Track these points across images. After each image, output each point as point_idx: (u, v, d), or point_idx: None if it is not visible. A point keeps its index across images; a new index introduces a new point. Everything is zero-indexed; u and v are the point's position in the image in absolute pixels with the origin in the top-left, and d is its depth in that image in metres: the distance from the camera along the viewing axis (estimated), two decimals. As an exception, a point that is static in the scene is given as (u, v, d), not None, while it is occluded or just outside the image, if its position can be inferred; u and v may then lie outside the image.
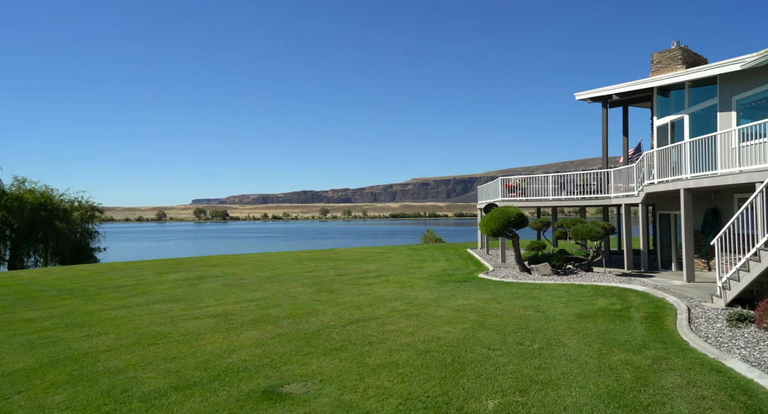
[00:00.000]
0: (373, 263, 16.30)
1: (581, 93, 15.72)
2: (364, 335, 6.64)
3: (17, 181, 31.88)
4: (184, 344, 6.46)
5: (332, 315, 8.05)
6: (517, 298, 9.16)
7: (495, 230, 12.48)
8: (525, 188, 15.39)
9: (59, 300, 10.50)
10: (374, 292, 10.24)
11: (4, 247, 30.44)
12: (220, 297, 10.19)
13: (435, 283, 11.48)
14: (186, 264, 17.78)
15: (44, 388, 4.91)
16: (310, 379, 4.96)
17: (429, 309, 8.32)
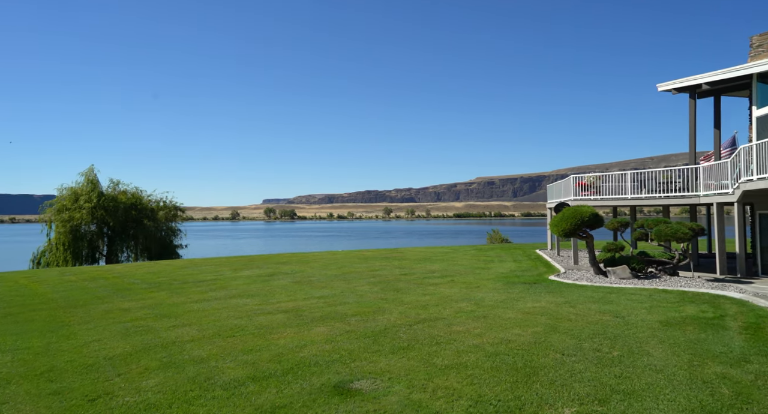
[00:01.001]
0: (438, 263, 16.18)
1: (665, 84, 14.57)
2: (431, 335, 6.60)
3: (112, 183, 35.09)
4: (259, 337, 6.79)
5: (398, 314, 8.09)
6: (592, 302, 8.68)
7: (567, 231, 11.91)
8: (599, 186, 14.54)
9: (149, 292, 11.44)
10: (440, 292, 10.16)
11: (102, 243, 33.66)
12: (290, 293, 10.60)
13: (503, 284, 11.17)
14: (258, 261, 18.69)
15: (139, 373, 5.38)
16: (379, 377, 5.01)
17: (497, 311, 8.11)
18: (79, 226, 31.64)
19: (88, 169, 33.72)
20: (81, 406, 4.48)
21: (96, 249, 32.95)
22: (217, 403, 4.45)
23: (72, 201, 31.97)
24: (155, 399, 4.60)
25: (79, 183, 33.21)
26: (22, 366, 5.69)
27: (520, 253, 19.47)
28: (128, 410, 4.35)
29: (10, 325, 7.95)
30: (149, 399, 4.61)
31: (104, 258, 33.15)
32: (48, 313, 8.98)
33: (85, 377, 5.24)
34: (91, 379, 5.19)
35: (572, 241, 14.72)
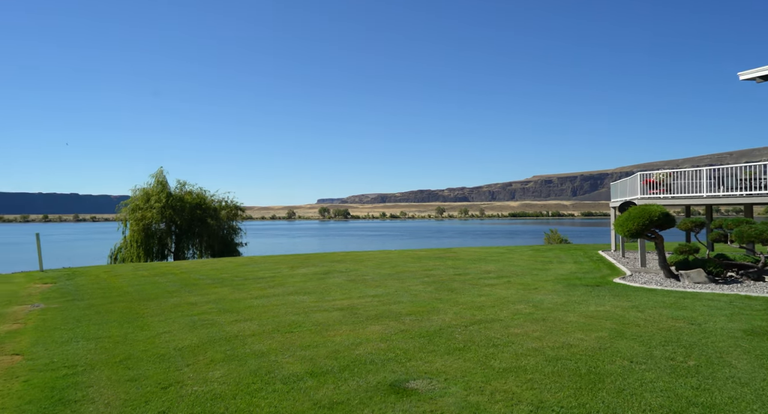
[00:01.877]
0: (493, 263, 15.82)
1: (748, 72, 13.37)
2: (487, 337, 6.45)
3: (179, 183, 37.23)
4: (316, 334, 6.94)
5: (453, 314, 7.98)
6: (663, 307, 8.13)
7: (633, 231, 11.23)
8: (670, 184, 13.59)
9: (213, 288, 12.03)
10: (496, 294, 9.92)
11: (171, 240, 35.82)
12: (345, 291, 10.77)
13: (563, 286, 10.73)
14: (314, 259, 19.15)
15: (206, 364, 5.66)
16: (435, 377, 4.96)
17: (557, 313, 7.80)
18: (150, 225, 33.84)
19: (158, 171, 35.98)
20: (155, 393, 4.78)
21: (165, 246, 35.11)
22: (278, 397, 4.59)
23: (144, 201, 34.25)
24: (221, 389, 4.82)
25: (150, 184, 35.52)
26: (104, 353, 6.16)
27: (580, 254, 18.63)
28: (197, 399, 4.59)
29: (93, 316, 8.64)
30: (215, 389, 4.84)
31: (172, 255, 35.25)
32: (125, 306, 9.67)
33: (157, 366, 5.59)
34: (163, 368, 5.53)
35: (639, 243, 13.86)
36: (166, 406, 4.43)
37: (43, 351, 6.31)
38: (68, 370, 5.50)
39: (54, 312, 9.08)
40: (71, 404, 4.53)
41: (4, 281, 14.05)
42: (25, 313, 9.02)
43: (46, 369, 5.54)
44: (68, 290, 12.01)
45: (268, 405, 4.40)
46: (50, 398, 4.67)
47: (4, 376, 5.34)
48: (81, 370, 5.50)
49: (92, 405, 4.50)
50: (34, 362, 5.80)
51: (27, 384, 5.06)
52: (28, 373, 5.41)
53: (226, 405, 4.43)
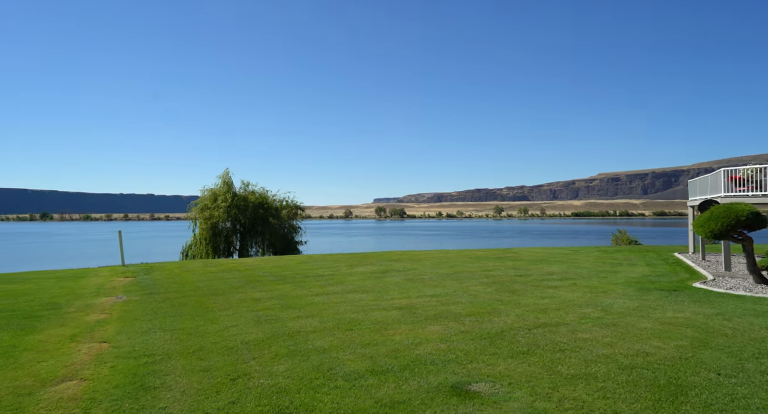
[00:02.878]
0: (557, 264, 15.18)
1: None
2: (552, 341, 6.18)
3: (243, 184, 38.98)
4: (375, 332, 6.97)
5: (515, 316, 7.73)
6: (754, 316, 7.39)
7: (717, 232, 10.32)
8: (760, 180, 12.35)
9: (275, 284, 12.46)
10: (560, 296, 9.49)
11: (236, 238, 37.62)
12: (403, 291, 10.76)
13: (634, 290, 10.07)
14: (371, 258, 19.32)
15: (271, 358, 5.85)
16: (498, 381, 4.81)
17: (629, 319, 7.32)
18: (217, 223, 35.70)
19: (224, 172, 37.87)
20: (224, 383, 5.01)
21: (230, 244, 36.91)
22: (340, 393, 4.65)
23: (212, 201, 36.19)
24: (285, 383, 4.96)
25: (217, 184, 37.47)
26: (178, 344, 6.55)
27: (653, 256, 17.42)
28: (263, 392, 4.75)
29: (168, 308, 9.24)
30: (280, 383, 4.99)
31: (237, 252, 36.98)
32: (196, 300, 10.25)
33: (226, 358, 5.86)
34: (231, 360, 5.79)
35: (723, 245, 12.73)
36: (236, 397, 4.63)
37: (126, 340, 6.82)
38: (148, 358, 5.90)
39: (134, 304, 9.80)
40: (151, 390, 4.84)
41: (93, 275, 15.37)
42: (110, 304, 9.81)
43: (129, 356, 5.98)
44: (146, 284, 12.92)
45: (330, 401, 4.47)
46: (133, 384, 5.03)
47: (95, 361, 5.82)
48: (159, 358, 5.88)
49: (170, 392, 4.79)
50: (119, 350, 6.28)
51: (113, 369, 5.48)
52: (114, 359, 5.86)
53: (291, 399, 4.55)
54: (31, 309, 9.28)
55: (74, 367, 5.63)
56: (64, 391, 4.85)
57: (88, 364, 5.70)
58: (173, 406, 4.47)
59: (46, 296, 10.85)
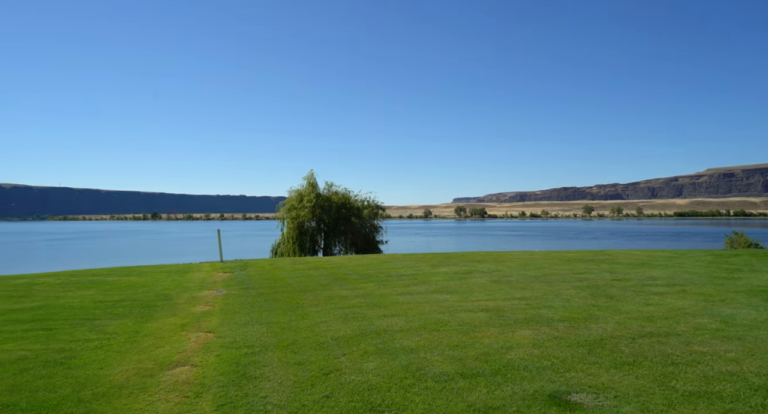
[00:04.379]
0: (660, 269, 13.86)
1: None
2: (663, 353, 5.62)
3: (327, 184, 40.47)
4: (463, 334, 6.83)
5: (615, 324, 7.16)
6: None
7: None
8: None
9: (360, 283, 12.73)
10: (667, 303, 8.63)
11: (320, 237, 39.14)
12: (489, 292, 10.45)
13: (761, 299, 8.87)
14: (454, 258, 19.06)
15: (360, 355, 5.97)
16: (602, 393, 4.47)
17: (758, 333, 6.45)
18: (303, 223, 37.41)
19: (309, 174, 39.58)
20: (318, 377, 5.19)
21: (315, 242, 38.47)
22: (431, 394, 4.60)
23: (298, 201, 38.01)
24: (376, 381, 5.02)
25: (302, 185, 39.28)
26: (274, 337, 6.92)
27: (779, 261, 15.26)
28: (355, 388, 4.85)
29: (263, 303, 9.82)
30: (371, 380, 5.06)
31: (321, 250, 38.46)
32: (287, 295, 10.78)
33: (318, 353, 6.07)
34: (323, 355, 5.99)
35: None
36: (329, 391, 4.77)
37: (228, 331, 7.34)
38: (248, 349, 6.29)
39: (233, 298, 10.54)
40: (253, 380, 5.16)
41: (196, 269, 16.82)
42: (212, 297, 10.65)
43: (231, 346, 6.42)
44: (242, 279, 13.86)
45: (422, 402, 4.44)
46: (236, 372, 5.39)
47: (202, 349, 6.34)
48: (257, 350, 6.25)
49: (269, 383, 5.07)
50: (222, 340, 6.78)
51: (219, 358, 5.92)
52: (219, 348, 6.34)
53: (383, 397, 4.59)
54: (147, 299, 10.36)
55: (185, 353, 6.17)
56: (179, 376, 5.33)
57: (197, 352, 6.21)
58: (273, 396, 4.71)
59: (159, 288, 12.06)
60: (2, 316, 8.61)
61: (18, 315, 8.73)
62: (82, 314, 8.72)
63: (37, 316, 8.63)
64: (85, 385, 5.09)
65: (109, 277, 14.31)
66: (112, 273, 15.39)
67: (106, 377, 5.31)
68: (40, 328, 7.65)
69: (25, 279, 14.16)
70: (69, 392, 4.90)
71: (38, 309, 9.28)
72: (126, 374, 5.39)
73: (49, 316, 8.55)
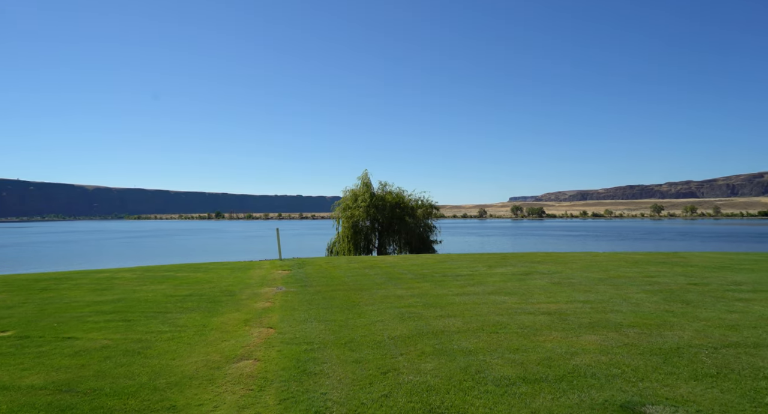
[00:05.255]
0: (744, 273, 12.70)
1: None
2: (752, 365, 5.12)
3: (381, 184, 40.80)
4: (523, 337, 6.59)
5: (693, 332, 6.62)
6: None
7: None
8: None
9: (415, 282, 12.67)
10: (754, 311, 7.88)
11: (374, 236, 39.49)
12: (550, 294, 10.04)
13: None
14: (511, 259, 18.53)
15: (417, 355, 5.92)
16: (681, 406, 4.14)
17: None
18: (358, 222, 37.91)
19: (363, 174, 40.04)
20: (376, 376, 5.19)
21: (369, 241, 38.86)
22: (492, 398, 4.47)
23: (352, 201, 38.57)
24: (434, 382, 4.95)
25: (357, 185, 39.82)
26: (332, 335, 7.03)
27: None
28: (413, 388, 4.80)
29: (321, 301, 10.02)
30: (429, 381, 4.99)
31: (375, 249, 38.79)
32: (343, 294, 10.94)
33: (375, 352, 6.09)
34: (380, 354, 5.99)
35: None
36: (387, 391, 4.76)
37: (287, 327, 7.55)
38: (307, 345, 6.43)
39: (292, 295, 10.84)
40: (313, 376, 5.25)
41: (257, 267, 17.50)
42: (272, 294, 11.01)
43: (291, 342, 6.59)
44: (300, 277, 14.23)
45: (482, 405, 4.32)
46: (296, 368, 5.52)
47: (264, 344, 6.56)
48: (316, 347, 6.37)
49: (328, 379, 5.14)
50: (283, 336, 6.97)
51: (280, 353, 6.09)
52: (280, 344, 6.52)
53: (441, 399, 4.51)
54: (213, 295, 10.89)
55: (249, 348, 6.40)
56: (243, 369, 5.54)
57: (259, 347, 6.43)
58: (332, 392, 4.77)
59: (224, 284, 12.64)
60: (88, 308, 9.37)
61: (101, 306, 9.47)
62: (156, 307, 9.31)
63: (117, 307, 9.32)
64: (159, 374, 5.42)
65: (179, 273, 15.21)
66: (181, 269, 16.34)
67: (178, 367, 5.61)
68: (119, 319, 8.26)
69: (107, 273, 15.36)
70: (146, 380, 5.23)
71: (118, 301, 10.02)
72: (195, 366, 5.67)
73: (127, 309, 9.20)
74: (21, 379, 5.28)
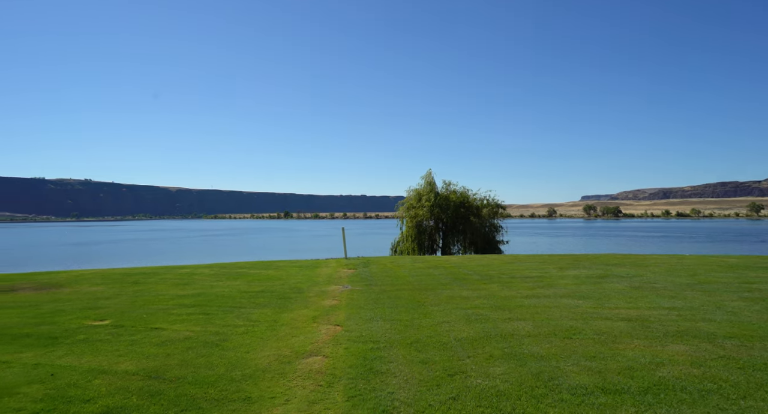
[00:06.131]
0: None
1: None
2: None
3: (445, 183, 40.32)
4: (600, 344, 6.19)
5: (804, 346, 5.85)
6: None
7: None
8: None
9: (481, 283, 12.36)
10: None
11: (438, 236, 39.15)
12: (630, 300, 9.37)
13: None
14: (583, 260, 17.55)
15: (485, 358, 5.74)
16: (792, 430, 3.65)
17: None
18: (422, 222, 37.76)
19: (427, 173, 39.81)
20: (443, 378, 5.10)
21: (433, 241, 38.57)
22: (567, 408, 4.22)
23: (416, 200, 38.50)
24: (504, 387, 4.77)
25: (420, 185, 39.68)
26: (397, 334, 7.02)
27: None
28: (482, 392, 4.66)
29: (386, 300, 10.07)
30: (498, 386, 4.82)
31: (440, 249, 38.43)
32: (408, 293, 10.91)
33: (442, 353, 5.99)
34: (447, 355, 5.89)
35: None
36: (455, 393, 4.65)
37: (354, 325, 7.65)
38: (373, 344, 6.46)
39: (358, 293, 10.99)
40: (379, 375, 5.27)
41: (323, 265, 17.97)
42: (339, 292, 11.23)
43: (357, 341, 6.66)
44: (365, 276, 14.41)
45: (557, 415, 4.09)
46: (363, 366, 5.56)
47: (332, 341, 6.69)
48: (382, 346, 6.38)
49: (395, 379, 5.13)
50: (349, 334, 7.07)
51: (347, 351, 6.18)
52: (347, 342, 6.62)
53: (513, 405, 4.34)
54: (283, 291, 11.31)
55: (317, 344, 6.56)
56: (312, 365, 5.68)
57: (327, 344, 6.56)
58: (399, 392, 4.75)
59: (293, 282, 13.10)
60: (172, 301, 10.10)
61: (183, 300, 10.17)
62: (231, 302, 9.83)
63: (197, 301, 9.96)
64: (236, 366, 5.70)
65: (251, 270, 15.98)
66: (254, 266, 17.16)
67: (252, 361, 5.87)
68: (199, 312, 8.81)
69: (188, 269, 16.50)
70: (223, 371, 5.52)
71: (197, 296, 10.71)
72: (268, 359, 5.90)
73: (206, 303, 9.80)
74: (117, 365, 5.77)
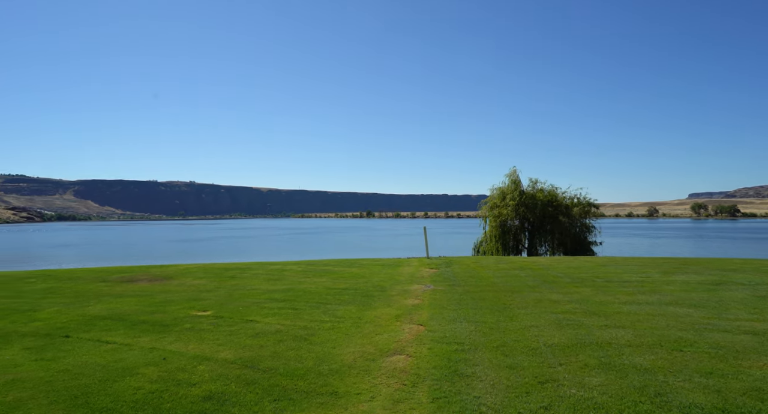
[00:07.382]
0: None
1: None
2: None
3: (531, 181, 38.58)
4: (718, 359, 5.50)
5: None
6: None
7: None
8: None
9: (573, 287, 11.62)
10: None
11: (524, 236, 37.56)
12: (754, 310, 8.24)
13: None
14: (693, 265, 15.80)
15: (579, 367, 5.35)
16: None
17: None
18: (506, 221, 36.48)
19: (512, 171, 38.40)
20: (533, 385, 4.84)
21: (519, 241, 37.08)
22: (679, 429, 3.78)
23: (500, 199, 37.28)
24: (602, 400, 4.41)
25: (504, 183, 38.35)
26: (482, 336, 6.81)
27: None
28: (576, 403, 4.34)
29: (469, 301, 9.83)
30: (595, 398, 4.46)
31: (525, 250, 36.86)
32: (493, 295, 10.57)
33: (531, 359, 5.69)
34: (536, 362, 5.58)
35: None
36: (547, 402, 4.38)
37: (437, 325, 7.55)
38: (457, 346, 6.33)
39: (440, 293, 10.86)
40: (464, 378, 5.13)
41: (405, 264, 18.05)
42: (421, 291, 11.19)
43: (441, 341, 6.56)
44: (448, 276, 14.21)
45: (667, 436, 3.68)
46: (447, 367, 5.45)
47: (415, 341, 6.66)
48: (467, 348, 6.22)
49: (481, 383, 4.96)
50: (433, 334, 6.99)
51: (430, 351, 6.11)
52: (430, 342, 6.55)
53: (613, 421, 3.98)
54: (367, 289, 11.53)
55: (401, 343, 6.56)
56: (396, 363, 5.69)
57: (410, 343, 6.55)
58: (485, 397, 4.58)
59: (376, 280, 13.30)
60: (264, 295, 10.74)
61: (274, 295, 10.77)
62: (318, 298, 10.21)
63: (287, 296, 10.48)
64: (323, 360, 5.88)
65: (336, 267, 16.51)
66: (339, 264, 17.72)
67: (338, 356, 6.02)
68: (289, 307, 9.26)
69: (278, 265, 17.47)
70: (311, 365, 5.73)
71: (287, 291, 11.27)
72: (353, 356, 6.02)
73: (294, 298, 10.29)
74: (217, 353, 6.24)
